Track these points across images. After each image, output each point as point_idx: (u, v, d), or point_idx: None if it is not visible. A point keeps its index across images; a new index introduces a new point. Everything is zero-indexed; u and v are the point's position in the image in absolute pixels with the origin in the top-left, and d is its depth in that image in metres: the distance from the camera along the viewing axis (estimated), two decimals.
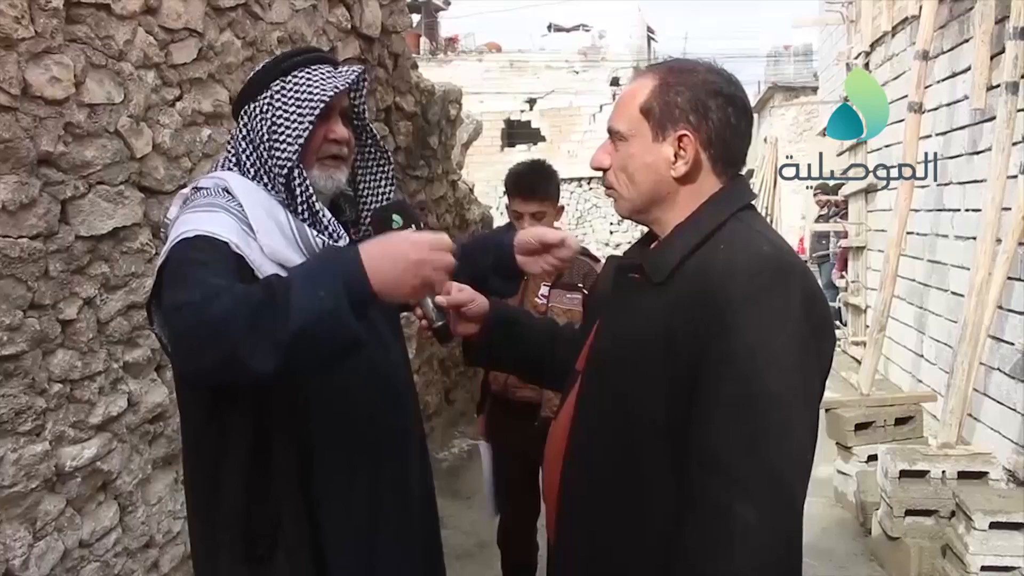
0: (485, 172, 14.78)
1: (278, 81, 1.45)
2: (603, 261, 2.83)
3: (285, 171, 1.42)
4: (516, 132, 19.92)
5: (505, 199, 2.94)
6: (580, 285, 2.82)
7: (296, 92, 1.44)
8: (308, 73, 1.46)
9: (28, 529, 2.07)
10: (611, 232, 19.03)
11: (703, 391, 1.15)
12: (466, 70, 18.76)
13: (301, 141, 1.42)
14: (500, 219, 6.34)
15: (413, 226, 1.47)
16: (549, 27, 24.17)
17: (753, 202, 1.35)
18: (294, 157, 1.42)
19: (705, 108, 1.26)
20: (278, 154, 1.42)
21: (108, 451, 2.34)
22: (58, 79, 2.08)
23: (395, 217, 1.47)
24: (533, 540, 3.02)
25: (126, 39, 2.32)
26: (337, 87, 1.45)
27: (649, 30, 23.57)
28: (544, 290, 2.85)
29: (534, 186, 2.81)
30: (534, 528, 3.02)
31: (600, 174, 1.39)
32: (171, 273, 1.30)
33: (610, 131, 1.34)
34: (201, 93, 2.71)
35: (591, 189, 18.90)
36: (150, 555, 2.55)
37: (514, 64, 20.20)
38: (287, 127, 1.42)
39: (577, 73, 19.95)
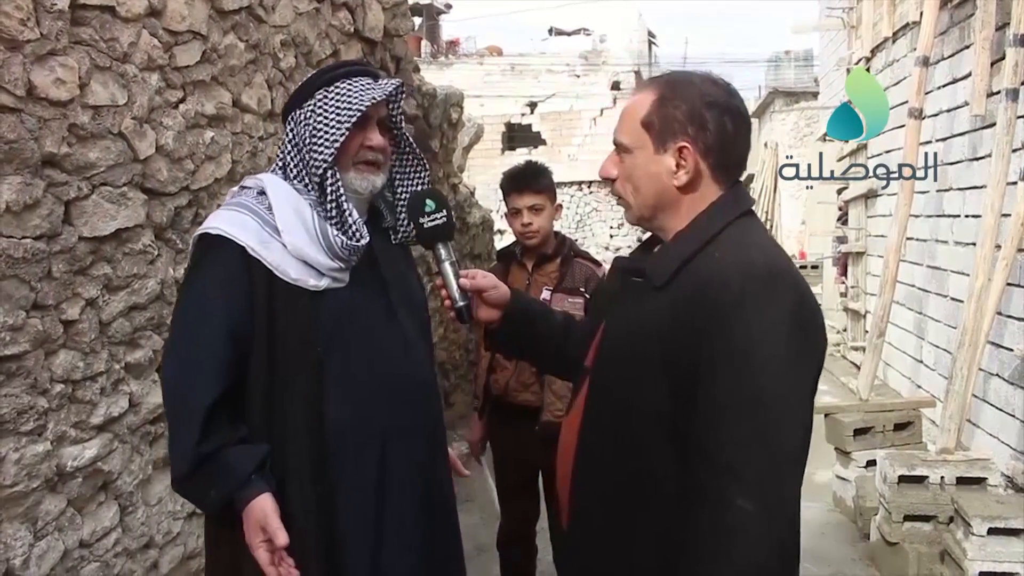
0: (486, 175, 14.79)
1: (322, 90, 1.58)
2: (604, 265, 2.86)
3: (320, 172, 1.55)
4: (517, 135, 19.97)
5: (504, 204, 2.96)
6: (582, 289, 2.83)
7: (336, 101, 1.56)
8: (349, 84, 1.58)
9: (29, 529, 2.08)
10: (611, 236, 19.06)
11: (702, 390, 1.21)
12: (467, 73, 18.82)
13: (337, 146, 1.54)
14: (501, 222, 6.34)
15: (444, 210, 1.60)
16: (550, 31, 24.25)
17: (752, 207, 1.40)
18: (329, 159, 1.54)
19: (703, 120, 1.32)
20: (316, 156, 1.55)
21: (109, 452, 2.34)
22: (63, 81, 2.09)
23: (428, 201, 1.60)
24: (532, 543, 3.02)
25: (130, 41, 2.34)
26: (374, 98, 1.56)
27: (650, 34, 23.63)
28: (546, 294, 2.86)
29: (528, 179, 2.85)
30: (533, 531, 3.02)
31: (601, 180, 1.47)
32: (187, 278, 1.60)
33: (615, 143, 1.41)
34: (204, 95, 2.72)
35: (591, 193, 18.94)
36: (150, 555, 2.56)
37: (515, 68, 20.26)
38: (326, 132, 1.54)
39: (578, 77, 20.01)
